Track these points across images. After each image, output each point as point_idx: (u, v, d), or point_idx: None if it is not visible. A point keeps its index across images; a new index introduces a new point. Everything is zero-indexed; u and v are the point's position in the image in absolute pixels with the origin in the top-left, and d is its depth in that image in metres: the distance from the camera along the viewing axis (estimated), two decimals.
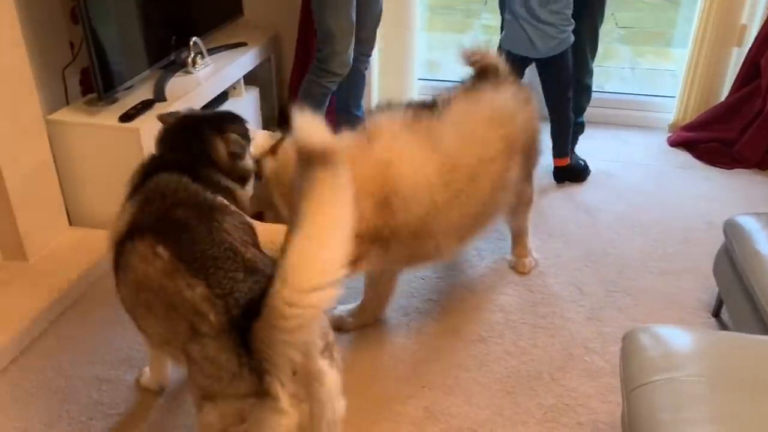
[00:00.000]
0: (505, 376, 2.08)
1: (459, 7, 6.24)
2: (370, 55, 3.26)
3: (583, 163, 3.31)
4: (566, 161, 3.23)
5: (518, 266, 2.56)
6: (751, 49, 3.35)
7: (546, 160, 3.31)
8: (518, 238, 2.58)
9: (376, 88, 3.79)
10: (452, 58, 2.45)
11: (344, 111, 3.34)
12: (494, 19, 3.31)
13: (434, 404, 1.98)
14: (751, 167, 3.39)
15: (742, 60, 3.42)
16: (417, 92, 3.86)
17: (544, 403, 1.98)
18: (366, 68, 3.28)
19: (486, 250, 2.70)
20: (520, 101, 2.26)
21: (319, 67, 2.96)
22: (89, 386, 2.05)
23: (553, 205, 3.09)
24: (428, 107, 2.11)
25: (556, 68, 3.06)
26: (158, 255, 1.43)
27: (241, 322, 1.28)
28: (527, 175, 2.39)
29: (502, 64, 2.33)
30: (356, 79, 3.27)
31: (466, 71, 2.36)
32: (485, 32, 5.61)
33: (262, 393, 1.26)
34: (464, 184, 2.02)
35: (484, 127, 2.11)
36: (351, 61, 2.96)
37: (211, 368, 1.30)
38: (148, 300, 1.47)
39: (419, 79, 3.91)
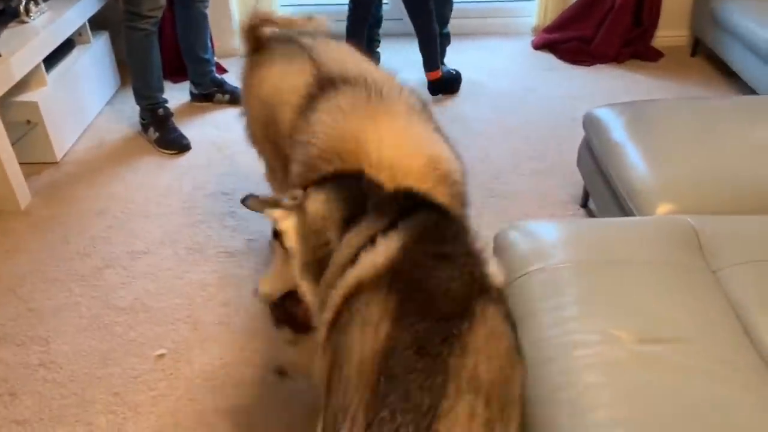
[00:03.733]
0: None
1: None
2: None
3: (454, 73, 3.34)
4: (438, 74, 3.25)
5: None
6: None
7: (419, 76, 3.33)
8: None
9: (237, 15, 3.64)
10: None
11: (191, 56, 3.17)
12: None
13: None
14: (609, 62, 3.55)
15: None
16: None
17: None
18: (206, 7, 3.08)
19: None
20: None
21: (129, 10, 2.74)
22: None
23: None
24: None
25: None
26: None
27: None
28: None
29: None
30: (198, 21, 3.09)
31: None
32: None
33: None
34: None
35: None
36: (164, 1, 2.77)
37: None
38: None
39: (282, 6, 3.77)
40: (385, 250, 1.19)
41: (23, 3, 2.74)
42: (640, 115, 2.19)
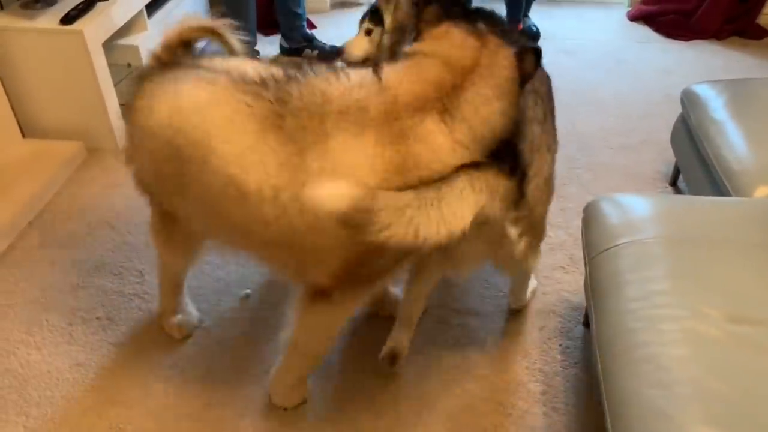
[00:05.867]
0: None
1: None
2: None
3: (535, 29, 3.30)
4: (519, 27, 3.21)
5: None
6: None
7: None
8: None
9: None
10: None
11: (284, 9, 3.21)
12: None
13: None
14: (709, 38, 3.40)
15: None
16: None
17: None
18: None
19: None
20: None
21: None
22: (65, 294, 2.06)
23: None
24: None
25: None
26: None
27: None
28: None
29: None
30: None
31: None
32: None
33: None
34: None
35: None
36: None
37: None
38: None
39: None
40: None
41: None
42: (743, 94, 2.12)
